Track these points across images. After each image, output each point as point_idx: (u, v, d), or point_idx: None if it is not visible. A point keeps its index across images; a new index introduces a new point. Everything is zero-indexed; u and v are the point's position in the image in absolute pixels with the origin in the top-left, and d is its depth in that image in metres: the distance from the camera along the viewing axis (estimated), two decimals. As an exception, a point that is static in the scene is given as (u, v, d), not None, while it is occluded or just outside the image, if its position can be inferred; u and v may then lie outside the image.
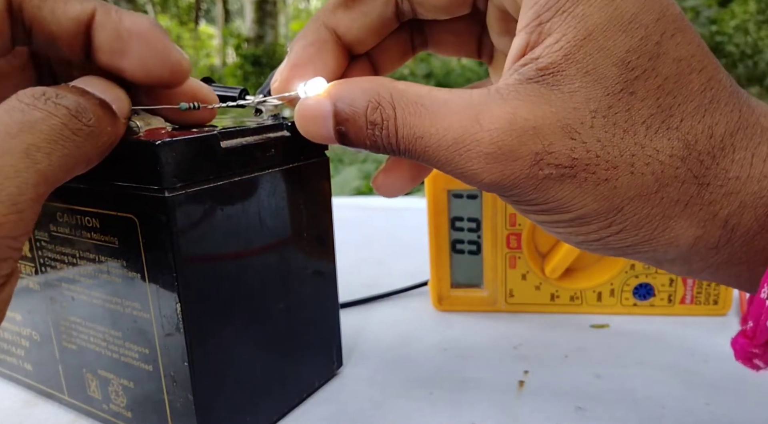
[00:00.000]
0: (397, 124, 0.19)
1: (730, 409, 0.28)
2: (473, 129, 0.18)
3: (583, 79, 0.17)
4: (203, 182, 0.22)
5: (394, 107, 0.19)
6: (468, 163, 0.18)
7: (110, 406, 0.27)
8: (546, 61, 0.18)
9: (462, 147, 0.18)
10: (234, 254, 0.24)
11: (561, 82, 0.18)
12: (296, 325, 0.28)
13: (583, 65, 0.17)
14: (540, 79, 0.18)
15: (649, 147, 0.18)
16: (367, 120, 0.20)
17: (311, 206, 0.28)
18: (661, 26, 0.18)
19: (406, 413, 0.29)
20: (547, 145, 0.18)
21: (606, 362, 0.33)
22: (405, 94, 0.19)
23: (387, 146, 0.20)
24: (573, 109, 0.17)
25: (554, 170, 0.18)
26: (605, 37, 0.17)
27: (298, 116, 0.21)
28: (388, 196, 0.25)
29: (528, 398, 0.29)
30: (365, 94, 0.20)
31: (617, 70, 0.17)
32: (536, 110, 0.18)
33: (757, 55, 5.07)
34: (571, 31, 0.17)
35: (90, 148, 0.19)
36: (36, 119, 0.18)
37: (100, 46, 0.20)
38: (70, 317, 0.26)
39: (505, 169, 0.18)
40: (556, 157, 0.18)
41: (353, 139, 0.20)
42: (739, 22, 5.28)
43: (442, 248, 0.38)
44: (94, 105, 0.20)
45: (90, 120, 0.19)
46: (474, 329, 0.37)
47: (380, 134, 0.20)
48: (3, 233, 0.17)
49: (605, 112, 0.18)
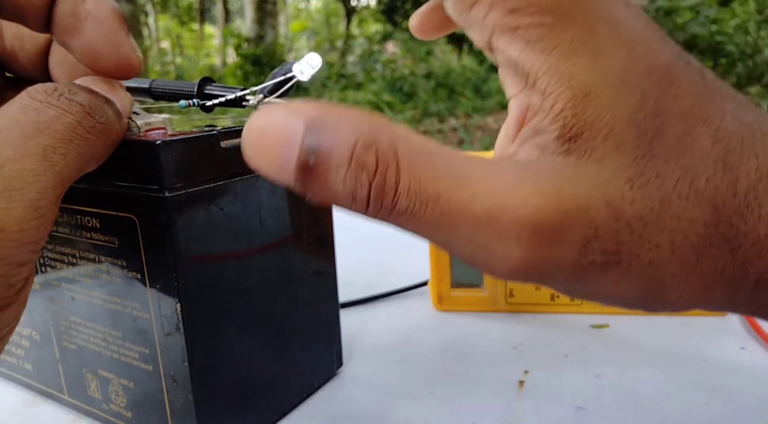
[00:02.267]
0: (401, 173, 0.15)
1: (730, 409, 0.28)
2: (513, 201, 0.15)
3: (604, 143, 0.15)
4: (203, 182, 0.22)
5: (396, 152, 0.15)
6: (501, 244, 0.15)
7: (110, 406, 0.27)
8: (556, 126, 0.16)
9: (497, 222, 0.15)
10: (234, 254, 0.24)
11: (586, 150, 0.16)
12: (296, 325, 0.28)
13: (598, 127, 0.15)
14: (562, 149, 0.16)
15: (684, 219, 0.16)
16: (352, 156, 0.15)
17: (311, 206, 0.28)
18: (653, 80, 0.16)
19: (406, 413, 0.29)
20: (594, 228, 0.15)
21: (606, 362, 0.33)
22: (410, 142, 0.15)
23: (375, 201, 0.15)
24: (610, 181, 0.15)
25: (599, 256, 0.15)
26: (608, 95, 0.15)
27: (247, 134, 0.15)
28: (424, 38, 0.22)
29: (528, 398, 0.29)
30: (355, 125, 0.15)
31: (633, 132, 0.15)
32: (579, 187, 0.15)
33: (757, 55, 5.07)
34: (565, 90, 0.16)
35: (101, 145, 0.19)
36: (51, 118, 0.18)
37: (56, 20, 0.20)
38: (70, 316, 0.26)
39: (550, 254, 0.15)
40: (603, 242, 0.15)
41: (321, 180, 0.15)
42: (739, 22, 5.28)
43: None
44: (103, 103, 0.20)
45: (102, 117, 0.19)
46: (474, 329, 0.37)
47: (368, 182, 0.15)
48: (26, 238, 0.17)
49: (639, 181, 0.15)
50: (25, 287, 0.18)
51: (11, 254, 0.17)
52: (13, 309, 0.18)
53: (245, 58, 6.27)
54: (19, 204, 0.16)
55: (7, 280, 0.17)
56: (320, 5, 10.31)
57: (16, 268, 0.17)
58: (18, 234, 0.16)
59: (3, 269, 0.17)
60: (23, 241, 0.17)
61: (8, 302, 0.18)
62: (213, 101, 0.24)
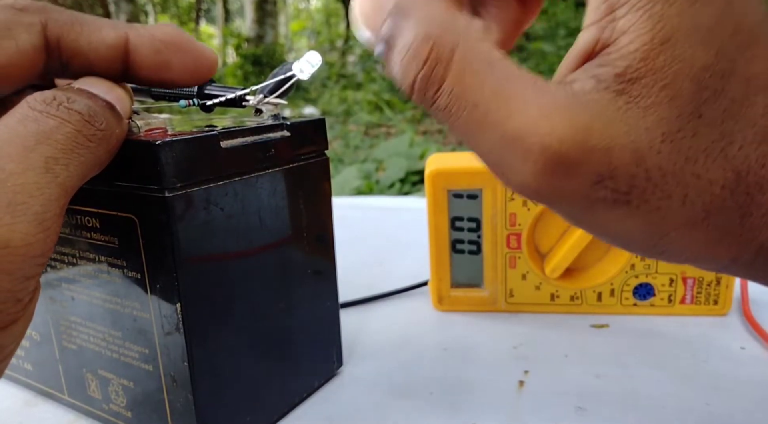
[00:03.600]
0: (448, 72, 0.16)
1: (730, 409, 0.28)
2: (543, 128, 0.16)
3: (659, 93, 0.16)
4: (203, 182, 0.22)
5: (453, 51, 0.16)
6: (521, 163, 0.16)
7: (110, 406, 0.27)
8: (623, 64, 0.16)
9: (521, 142, 0.16)
10: (234, 253, 0.24)
11: (639, 94, 0.16)
12: (296, 325, 0.28)
13: (661, 76, 0.16)
14: (618, 87, 0.16)
15: (705, 178, 0.16)
16: (412, 43, 0.16)
17: (311, 206, 0.28)
18: (735, 41, 0.16)
19: (406, 413, 0.29)
20: (612, 169, 0.16)
21: (606, 362, 0.33)
22: (475, 46, 0.16)
23: (419, 90, 0.17)
24: (645, 130, 0.16)
25: (610, 194, 0.16)
26: (683, 46, 0.15)
27: None
28: None
29: (528, 398, 0.29)
30: (430, 17, 0.16)
31: (692, 87, 0.16)
32: (611, 127, 0.16)
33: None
34: (648, 32, 0.16)
35: (103, 152, 0.19)
36: (51, 128, 0.18)
37: (142, 64, 0.21)
38: (70, 316, 0.26)
39: (561, 183, 0.16)
40: (616, 182, 0.16)
41: (391, 57, 0.17)
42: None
43: (442, 248, 0.38)
44: (102, 108, 0.20)
45: (102, 124, 0.19)
46: (474, 329, 0.37)
47: (415, 69, 0.16)
48: (33, 252, 0.17)
49: (673, 137, 0.16)
50: (32, 301, 0.18)
51: (18, 268, 0.17)
52: (21, 324, 0.18)
53: (245, 58, 6.27)
54: (23, 218, 0.16)
55: (15, 295, 0.17)
56: (320, 5, 10.30)
57: (23, 282, 0.17)
58: (24, 249, 0.16)
59: (10, 284, 0.17)
60: (29, 255, 0.17)
61: (16, 317, 0.18)
62: (213, 101, 0.24)
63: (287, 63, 0.25)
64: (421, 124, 4.38)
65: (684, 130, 0.16)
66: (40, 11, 0.20)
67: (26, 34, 0.20)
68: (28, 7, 0.20)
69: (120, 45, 0.21)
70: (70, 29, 0.21)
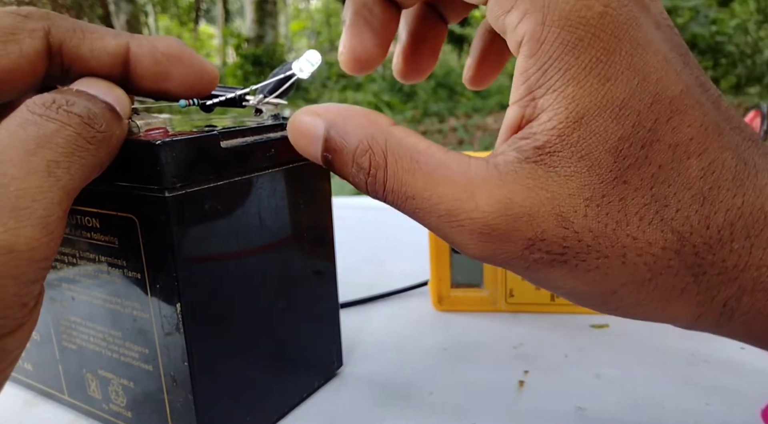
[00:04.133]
0: (387, 176, 0.19)
1: (730, 409, 0.28)
2: (468, 206, 0.18)
3: (577, 164, 0.17)
4: (203, 182, 0.22)
5: (385, 157, 0.19)
6: (459, 237, 0.18)
7: (110, 406, 0.27)
8: (542, 139, 0.17)
9: (454, 220, 0.18)
10: (234, 253, 0.24)
11: (557, 165, 0.17)
12: (296, 325, 0.28)
13: (577, 149, 0.17)
14: (538, 158, 0.17)
15: (642, 240, 0.17)
16: (354, 160, 0.19)
17: (311, 206, 0.28)
18: (655, 111, 0.17)
19: (406, 413, 0.29)
20: (540, 232, 0.17)
21: (606, 362, 0.33)
22: (400, 145, 0.19)
23: (371, 193, 0.19)
24: (568, 196, 0.17)
25: (545, 256, 0.18)
26: (597, 122, 0.17)
27: (290, 127, 0.21)
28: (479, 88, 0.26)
29: (528, 398, 0.29)
30: (358, 131, 0.19)
31: (611, 157, 0.17)
32: (532, 196, 0.17)
33: (757, 55, 5.07)
34: (562, 111, 0.17)
35: (103, 154, 0.19)
36: (51, 132, 0.18)
37: (142, 74, 0.22)
38: (70, 316, 0.26)
39: (497, 249, 0.18)
40: (548, 245, 0.17)
41: (338, 172, 0.20)
42: (739, 22, 5.27)
43: (442, 248, 0.38)
44: (102, 109, 0.20)
45: (101, 126, 0.19)
46: (474, 329, 0.37)
47: (364, 179, 0.19)
48: (37, 256, 0.17)
49: (599, 201, 0.17)
50: (37, 306, 0.18)
51: (23, 273, 0.17)
52: (26, 329, 0.18)
53: (245, 58, 6.27)
54: (28, 223, 0.16)
55: (20, 299, 0.17)
56: (320, 5, 10.31)
57: (28, 286, 0.17)
58: (29, 253, 0.16)
59: (16, 289, 0.17)
60: (34, 259, 0.17)
61: (22, 322, 0.18)
62: (213, 100, 0.24)
63: (287, 63, 0.25)
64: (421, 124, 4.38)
65: (609, 195, 0.17)
66: (44, 18, 0.21)
67: (30, 39, 0.20)
68: (32, 13, 0.21)
69: (121, 53, 0.21)
70: (72, 36, 0.21)
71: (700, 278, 0.18)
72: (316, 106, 0.21)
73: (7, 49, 0.20)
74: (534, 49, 0.17)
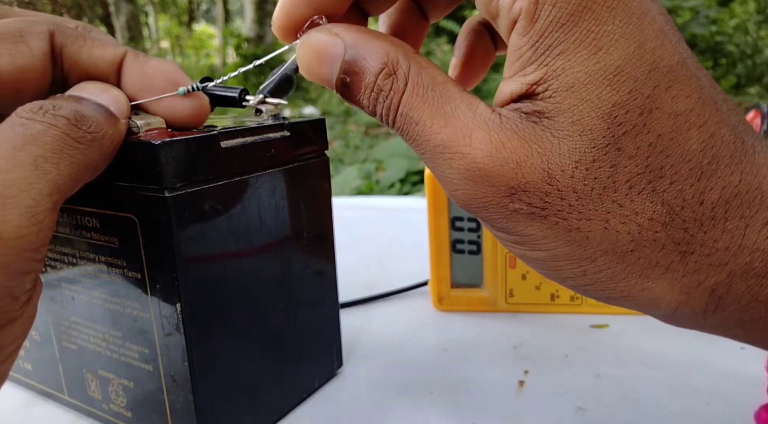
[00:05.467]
0: (402, 100, 0.19)
1: (730, 409, 0.28)
2: (463, 141, 0.18)
3: (569, 127, 0.17)
4: (203, 182, 0.22)
5: (406, 82, 0.19)
6: (447, 170, 0.18)
7: (110, 406, 0.27)
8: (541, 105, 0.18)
9: (446, 152, 0.18)
10: (234, 253, 0.24)
11: (553, 128, 0.17)
12: (296, 325, 0.28)
13: (569, 115, 0.17)
14: (536, 119, 0.18)
15: (628, 207, 0.17)
16: (375, 82, 0.19)
17: (311, 206, 0.28)
18: (653, 78, 0.17)
19: (406, 413, 0.29)
20: (524, 183, 0.17)
21: (606, 362, 0.33)
22: (422, 73, 0.19)
23: (383, 115, 0.19)
24: (558, 155, 0.17)
25: (525, 206, 0.18)
26: (588, 90, 0.17)
27: (304, 47, 0.20)
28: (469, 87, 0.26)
29: (528, 398, 0.29)
30: (384, 54, 0.19)
31: (603, 123, 0.17)
32: (524, 147, 0.17)
33: (757, 55, 5.06)
34: (553, 83, 0.17)
35: (95, 154, 0.20)
36: (38, 131, 0.18)
37: (125, 83, 0.22)
38: (71, 316, 0.26)
39: (479, 191, 0.18)
40: (530, 196, 0.18)
41: (352, 95, 0.19)
42: (739, 22, 5.27)
43: (442, 248, 0.38)
44: (92, 111, 0.20)
45: (90, 127, 0.19)
46: (474, 329, 0.37)
47: (382, 102, 0.19)
48: (26, 246, 0.17)
49: (588, 165, 0.17)
50: (31, 301, 0.18)
51: (12, 261, 0.17)
52: (19, 324, 0.18)
53: (245, 58, 6.26)
54: (15, 211, 0.17)
55: (11, 291, 0.17)
56: (320, 5, 10.25)
57: (18, 277, 0.17)
58: (17, 241, 0.17)
59: (5, 279, 0.17)
60: (23, 247, 0.17)
61: (14, 316, 0.18)
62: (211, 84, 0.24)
63: (287, 62, 0.25)
64: (421, 124, 4.36)
65: (599, 161, 0.17)
66: (49, 21, 0.21)
67: (37, 41, 0.21)
68: (38, 18, 0.22)
69: (117, 62, 0.22)
70: (74, 41, 0.22)
71: (688, 258, 0.17)
72: (332, 25, 0.20)
73: (18, 49, 0.20)
74: (527, 28, 0.17)
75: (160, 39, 9.07)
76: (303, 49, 0.20)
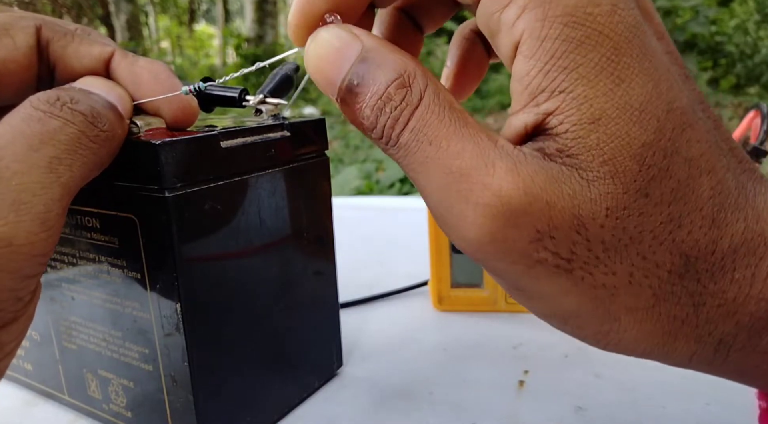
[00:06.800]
0: (415, 114, 0.16)
1: (730, 409, 0.28)
2: (487, 170, 0.15)
3: (600, 168, 0.15)
4: (203, 182, 0.22)
5: (421, 97, 0.16)
6: (460, 205, 0.16)
7: (110, 406, 0.27)
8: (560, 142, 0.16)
9: (464, 182, 0.16)
10: (234, 253, 0.24)
11: (579, 167, 0.15)
12: (296, 325, 0.28)
13: (599, 153, 0.15)
14: (560, 158, 0.16)
15: (650, 260, 0.16)
16: (386, 90, 0.16)
17: (311, 206, 0.28)
18: (671, 120, 0.15)
19: (406, 413, 0.29)
20: (552, 227, 0.15)
21: (606, 362, 0.33)
22: (439, 94, 0.17)
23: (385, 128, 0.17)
24: (590, 201, 0.15)
25: (551, 257, 0.16)
26: (616, 125, 0.15)
27: (318, 40, 0.18)
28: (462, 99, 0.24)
29: (528, 398, 0.29)
30: (401, 65, 0.17)
31: (636, 165, 0.15)
32: (555, 187, 0.15)
33: (757, 55, 5.06)
34: (574, 113, 0.15)
35: (105, 153, 0.20)
36: (55, 129, 0.18)
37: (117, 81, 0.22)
38: (71, 317, 0.26)
39: (499, 233, 0.15)
40: (556, 245, 0.15)
41: (354, 103, 0.17)
42: (739, 22, 5.27)
43: (442, 248, 0.38)
44: (105, 108, 0.20)
45: (105, 125, 0.19)
46: (474, 329, 0.37)
47: (389, 113, 0.16)
48: (35, 251, 0.17)
49: (619, 214, 0.15)
50: (33, 301, 0.18)
51: (20, 267, 0.17)
52: (21, 323, 0.18)
53: (245, 58, 6.26)
54: (27, 217, 0.16)
55: (16, 293, 0.17)
56: (320, 5, 10.25)
57: (24, 281, 0.17)
58: (27, 247, 0.17)
59: (12, 283, 0.17)
60: (32, 253, 0.17)
61: (16, 316, 0.18)
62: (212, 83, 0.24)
63: (287, 63, 0.25)
64: (421, 124, 4.36)
65: (629, 208, 0.15)
66: (36, 17, 0.21)
67: (23, 35, 0.21)
68: (26, 14, 0.21)
69: (104, 59, 0.22)
70: (61, 37, 0.22)
71: (700, 309, 0.16)
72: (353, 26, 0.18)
73: (2, 41, 0.20)
74: (534, 49, 0.15)
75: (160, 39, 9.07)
76: (316, 43, 0.18)
